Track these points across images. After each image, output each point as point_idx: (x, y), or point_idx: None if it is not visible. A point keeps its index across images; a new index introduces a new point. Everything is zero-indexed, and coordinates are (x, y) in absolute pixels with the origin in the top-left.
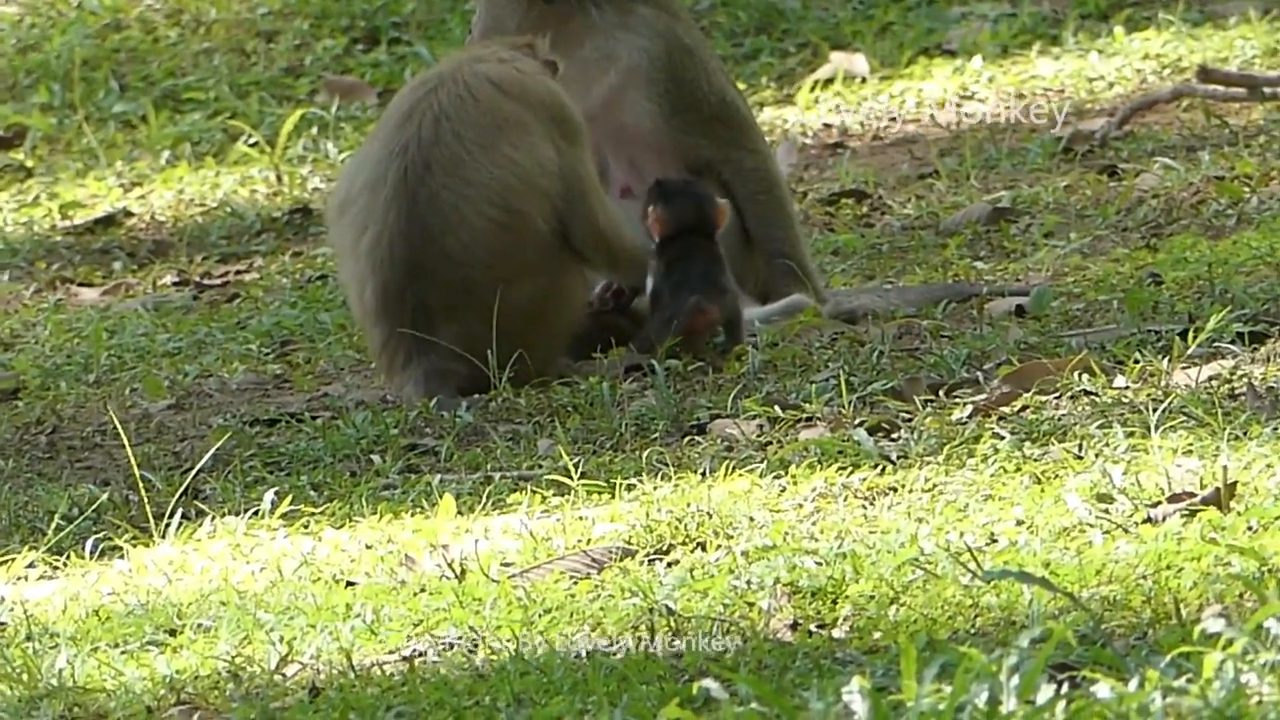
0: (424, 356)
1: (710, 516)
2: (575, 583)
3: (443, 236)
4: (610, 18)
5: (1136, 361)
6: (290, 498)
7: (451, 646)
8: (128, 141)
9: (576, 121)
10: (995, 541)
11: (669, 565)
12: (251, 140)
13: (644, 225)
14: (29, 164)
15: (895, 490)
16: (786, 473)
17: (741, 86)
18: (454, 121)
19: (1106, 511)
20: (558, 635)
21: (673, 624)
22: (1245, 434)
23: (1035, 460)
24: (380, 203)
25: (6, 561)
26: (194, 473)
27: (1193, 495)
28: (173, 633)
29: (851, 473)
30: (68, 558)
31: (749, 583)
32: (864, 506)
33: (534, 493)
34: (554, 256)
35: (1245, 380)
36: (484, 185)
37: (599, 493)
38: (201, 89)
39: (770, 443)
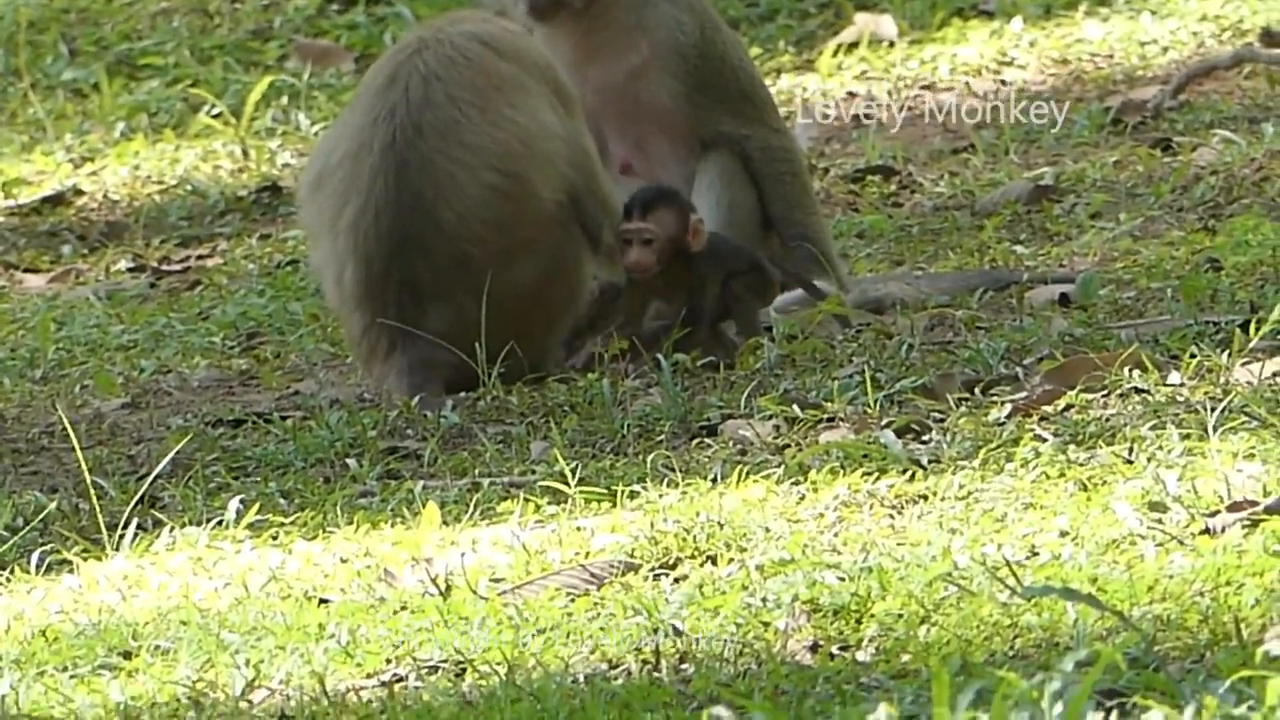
0: (409, 344)
1: (721, 527)
2: (572, 600)
3: (436, 206)
4: None
5: (1193, 356)
6: (257, 506)
7: (436, 670)
8: (78, 112)
9: (571, 90)
10: (1036, 555)
11: (676, 581)
12: (215, 111)
13: (672, 227)
14: None
15: (926, 498)
16: (806, 479)
17: (757, 51)
18: (445, 82)
19: (1159, 521)
20: (553, 658)
21: (680, 646)
22: None
23: (1081, 465)
24: (365, 172)
25: None
26: (151, 479)
27: (1255, 504)
28: (128, 655)
29: (878, 479)
30: (11, 572)
31: (764, 600)
32: (891, 516)
33: (527, 501)
34: (557, 233)
35: None
36: (482, 149)
37: (598, 501)
38: (159, 54)
39: (788, 445)
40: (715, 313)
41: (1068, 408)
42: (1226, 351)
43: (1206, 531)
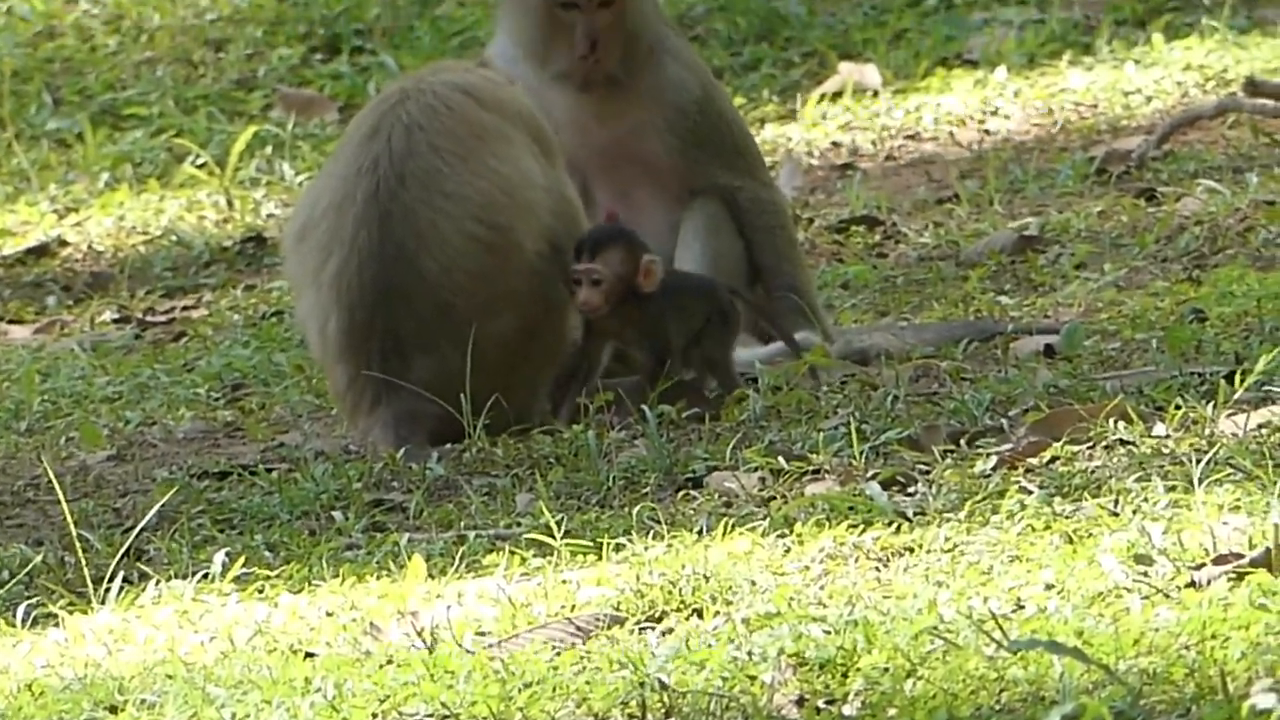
0: (394, 396)
1: (707, 580)
2: (558, 653)
3: (419, 257)
4: (663, 38)
5: (1178, 407)
6: (243, 559)
7: None
8: (62, 162)
9: (553, 140)
10: (1022, 608)
11: (662, 634)
12: (199, 160)
13: (621, 267)
14: None
15: (911, 550)
16: (791, 531)
17: (740, 101)
18: (428, 132)
19: (1145, 574)
20: (539, 712)
21: (666, 700)
22: None
23: (1066, 517)
24: (348, 224)
25: None
26: (136, 531)
27: (1240, 556)
28: (114, 709)
29: (863, 531)
30: None
31: (750, 654)
32: (877, 569)
33: (512, 553)
34: (540, 283)
35: None
36: (465, 198)
37: (584, 553)
38: (144, 103)
39: (773, 497)
40: (690, 362)
41: (1053, 459)
42: (1211, 403)
43: (1192, 584)
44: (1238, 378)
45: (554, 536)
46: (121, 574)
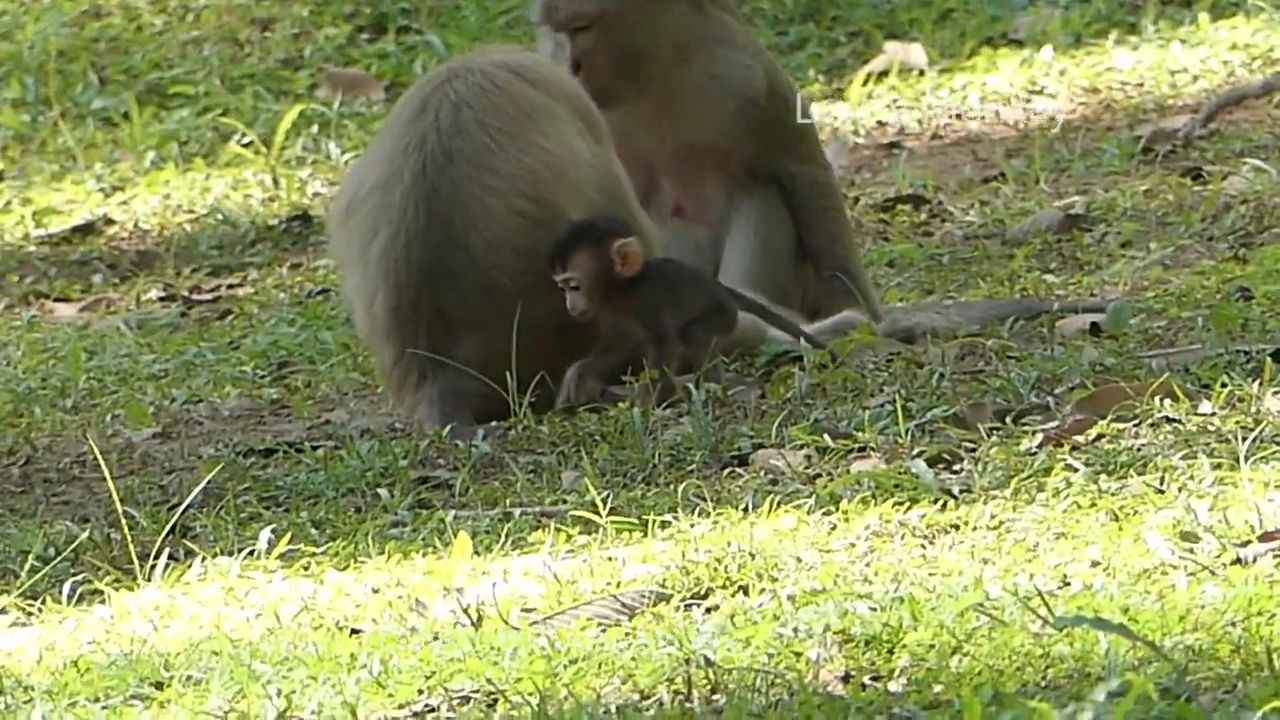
0: (440, 374)
1: (753, 557)
2: (604, 630)
3: (466, 234)
4: (716, 31)
5: (1224, 385)
6: (289, 536)
7: (467, 701)
8: (108, 141)
9: (600, 120)
10: (1068, 584)
11: (707, 611)
12: (245, 139)
13: (592, 266)
14: None
15: (957, 528)
16: (837, 508)
17: None
18: (476, 109)
19: (1191, 551)
20: (585, 688)
21: (711, 676)
22: None
23: (1112, 494)
24: (395, 201)
25: None
26: (182, 508)
27: None
28: (159, 685)
29: (909, 508)
30: (43, 603)
31: (796, 630)
32: (923, 546)
33: (558, 530)
34: None
35: None
36: (512, 175)
37: (630, 530)
38: (190, 83)
39: (819, 475)
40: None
41: (1099, 437)
42: (1257, 381)
43: (1238, 561)
44: None
45: (599, 514)
46: (167, 551)
